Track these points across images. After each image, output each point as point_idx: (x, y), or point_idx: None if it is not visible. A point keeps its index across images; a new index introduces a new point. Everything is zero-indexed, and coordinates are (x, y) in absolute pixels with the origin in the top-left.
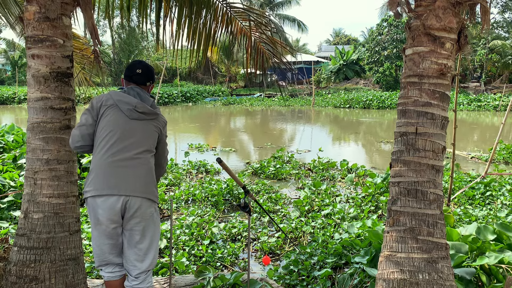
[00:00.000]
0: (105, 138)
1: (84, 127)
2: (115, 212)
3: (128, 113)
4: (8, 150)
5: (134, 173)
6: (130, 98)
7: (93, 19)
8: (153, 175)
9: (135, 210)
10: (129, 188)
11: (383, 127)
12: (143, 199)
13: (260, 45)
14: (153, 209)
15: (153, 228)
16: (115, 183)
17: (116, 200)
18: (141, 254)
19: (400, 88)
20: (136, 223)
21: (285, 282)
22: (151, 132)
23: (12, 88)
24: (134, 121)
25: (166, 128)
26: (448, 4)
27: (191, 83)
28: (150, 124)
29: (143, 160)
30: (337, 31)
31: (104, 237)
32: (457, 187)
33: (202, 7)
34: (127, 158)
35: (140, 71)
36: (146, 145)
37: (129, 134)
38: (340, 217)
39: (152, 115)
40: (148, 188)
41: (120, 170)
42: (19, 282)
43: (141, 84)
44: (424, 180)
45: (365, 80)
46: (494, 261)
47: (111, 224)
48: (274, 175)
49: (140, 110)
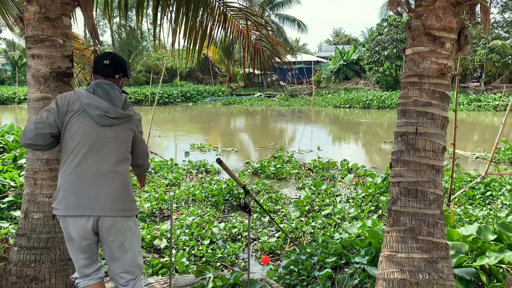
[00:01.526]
0: (74, 151)
1: (41, 124)
2: (87, 231)
3: (98, 120)
4: (8, 150)
5: (106, 191)
6: (100, 102)
7: (93, 19)
8: (129, 188)
9: (108, 228)
10: (101, 207)
11: (383, 127)
12: (116, 217)
13: (259, 44)
14: (130, 222)
15: (132, 240)
16: (86, 202)
17: (86, 220)
18: (125, 267)
19: (400, 88)
20: (112, 240)
21: (285, 282)
22: (124, 136)
23: (12, 88)
24: (105, 128)
25: (141, 124)
26: (448, 4)
27: (191, 83)
28: (123, 128)
29: (117, 174)
30: (337, 31)
31: (77, 252)
32: (457, 187)
33: (199, 6)
34: (99, 174)
35: (108, 62)
36: (120, 153)
37: (101, 144)
38: (340, 217)
39: (124, 118)
40: (123, 204)
41: (91, 188)
42: (19, 282)
43: (109, 77)
44: (424, 180)
45: (365, 80)
46: (494, 261)
47: (84, 241)
48: (274, 175)
49: (112, 115)
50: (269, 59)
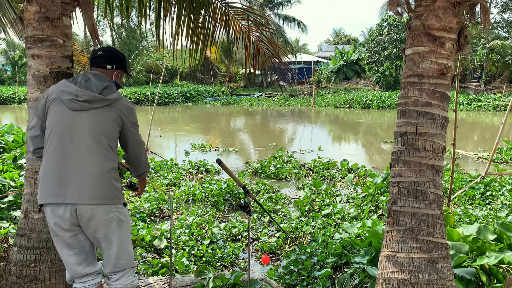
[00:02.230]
0: (49, 138)
1: (31, 130)
2: (65, 222)
3: (69, 105)
4: (8, 150)
5: (80, 177)
6: (71, 87)
7: (93, 19)
8: (109, 175)
9: (88, 218)
10: (75, 194)
11: (383, 127)
12: (95, 206)
13: (259, 45)
14: (114, 213)
15: (118, 232)
16: (60, 189)
17: (63, 209)
18: (111, 260)
19: (400, 88)
20: (93, 231)
21: (285, 282)
22: (102, 122)
23: (12, 88)
24: (78, 113)
25: (134, 115)
26: (448, 4)
27: (191, 83)
28: (100, 113)
29: (93, 160)
30: (337, 31)
31: (65, 249)
32: (457, 187)
33: (201, 6)
34: (72, 159)
35: (102, 53)
36: (98, 140)
37: (74, 129)
38: (340, 217)
39: (100, 101)
40: (101, 192)
41: (65, 174)
42: (19, 282)
43: (101, 67)
44: (424, 180)
45: (365, 80)
46: (494, 261)
47: (66, 233)
48: (274, 174)
49: (81, 98)
50: (269, 59)
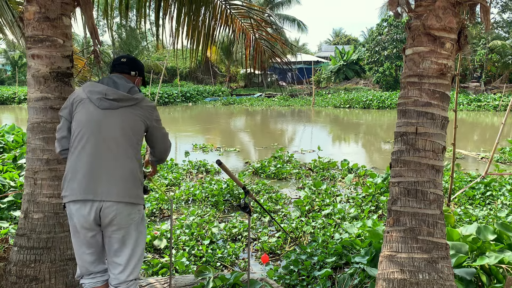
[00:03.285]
0: (78, 136)
1: (58, 132)
2: (90, 220)
3: (98, 103)
4: (8, 150)
5: (110, 175)
6: (101, 87)
7: (93, 19)
8: (135, 175)
9: (112, 217)
10: (104, 193)
11: (383, 127)
12: (120, 204)
13: (260, 43)
14: (135, 214)
15: (135, 236)
16: (89, 187)
17: (90, 206)
18: (120, 266)
19: (400, 88)
20: (113, 230)
21: (285, 282)
22: (131, 121)
23: (12, 88)
24: (107, 112)
25: (157, 112)
26: (448, 4)
27: (191, 83)
28: (128, 112)
29: (122, 159)
30: (337, 31)
31: (83, 247)
32: (457, 187)
33: (201, 5)
34: (103, 157)
35: (125, 60)
36: (126, 139)
37: (104, 128)
38: (340, 217)
39: (128, 101)
40: (128, 191)
41: (95, 172)
42: (19, 282)
43: (124, 73)
44: (424, 180)
45: (365, 80)
46: (494, 261)
47: (88, 233)
48: (274, 174)
49: (111, 97)
50: (269, 59)
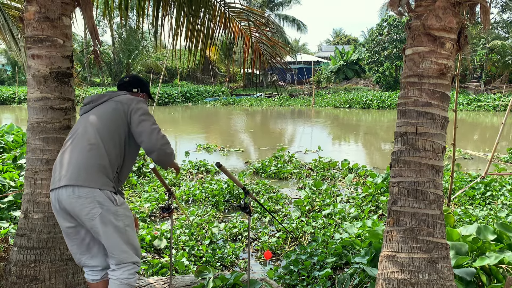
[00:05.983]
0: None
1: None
2: (57, 209)
3: (81, 113)
4: (8, 150)
5: (71, 159)
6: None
7: (93, 19)
8: (105, 162)
9: (69, 203)
10: (62, 179)
11: (383, 127)
12: (75, 187)
13: (258, 45)
14: (98, 198)
15: (106, 220)
16: (54, 176)
17: (54, 194)
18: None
19: (400, 88)
20: (85, 221)
21: (285, 282)
22: (107, 116)
23: (12, 88)
24: (87, 115)
25: (138, 104)
26: (448, 4)
27: (191, 83)
28: (103, 108)
29: (92, 148)
30: (337, 31)
31: (66, 238)
32: (457, 187)
33: (200, 7)
34: (76, 149)
35: (127, 79)
36: (102, 130)
37: (84, 129)
38: (340, 217)
39: (100, 98)
40: (90, 176)
41: (62, 162)
42: (19, 282)
43: (126, 90)
44: (424, 180)
45: (365, 80)
46: (495, 261)
47: (64, 223)
48: (275, 174)
49: (85, 102)
50: (268, 60)
